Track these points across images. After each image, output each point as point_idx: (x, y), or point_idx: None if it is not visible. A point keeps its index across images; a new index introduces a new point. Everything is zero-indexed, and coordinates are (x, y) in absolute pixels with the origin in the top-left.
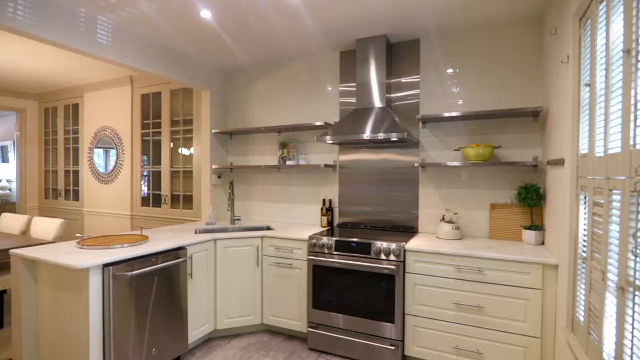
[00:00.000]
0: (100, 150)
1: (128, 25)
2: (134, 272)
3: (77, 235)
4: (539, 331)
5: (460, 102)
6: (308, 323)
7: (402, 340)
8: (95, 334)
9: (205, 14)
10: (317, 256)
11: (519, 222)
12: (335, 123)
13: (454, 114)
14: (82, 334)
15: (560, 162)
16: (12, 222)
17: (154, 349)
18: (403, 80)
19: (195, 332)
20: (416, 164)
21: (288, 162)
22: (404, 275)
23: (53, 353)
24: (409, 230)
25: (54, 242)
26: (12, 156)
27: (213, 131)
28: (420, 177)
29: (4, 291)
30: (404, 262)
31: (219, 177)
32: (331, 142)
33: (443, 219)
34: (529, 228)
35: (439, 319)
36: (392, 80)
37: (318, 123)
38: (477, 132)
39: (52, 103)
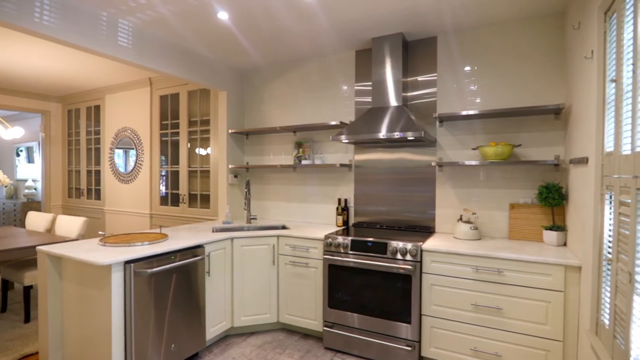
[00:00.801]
0: (120, 151)
1: (147, 28)
2: (153, 270)
3: (100, 233)
4: (561, 334)
5: (478, 100)
6: (324, 322)
7: (419, 341)
8: (117, 329)
9: (222, 15)
10: (332, 255)
11: (540, 223)
12: (351, 122)
13: (471, 112)
14: (104, 328)
15: (584, 161)
16: (37, 220)
17: (173, 345)
18: (419, 78)
19: (213, 329)
20: (433, 163)
21: (303, 162)
22: (420, 275)
23: (77, 347)
24: (426, 230)
25: (77, 239)
26: (37, 157)
27: (230, 131)
28: (437, 176)
29: (30, 286)
30: (420, 262)
31: (236, 176)
32: (347, 141)
33: (461, 219)
34: (550, 228)
35: (457, 320)
36: (409, 79)
37: (333, 122)
38: (496, 130)
39: (75, 105)
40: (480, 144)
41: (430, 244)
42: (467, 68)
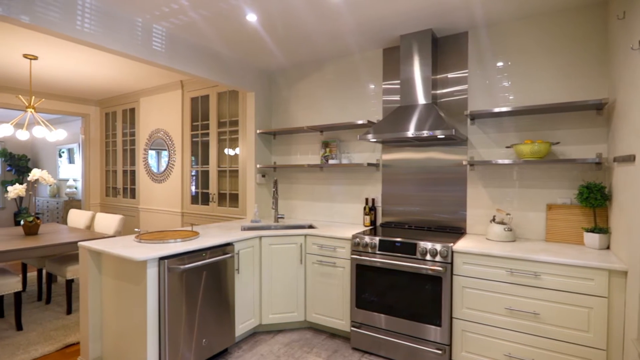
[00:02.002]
0: (153, 152)
1: (179, 33)
2: (186, 266)
3: (136, 230)
4: (604, 343)
5: (512, 96)
6: (351, 322)
7: (450, 345)
8: (152, 322)
9: (251, 17)
10: (360, 255)
11: (580, 224)
12: (378, 121)
13: (504, 109)
14: (140, 321)
15: (630, 159)
16: (78, 218)
17: (204, 340)
18: (450, 75)
19: (242, 325)
20: (464, 162)
21: (330, 161)
22: (451, 277)
23: (115, 338)
24: (457, 231)
25: (114, 236)
26: (77, 157)
27: (258, 131)
28: (468, 175)
29: (72, 280)
30: (451, 263)
31: (263, 176)
32: (374, 140)
33: (494, 219)
34: (592, 231)
35: (490, 324)
36: (438, 76)
37: (360, 122)
38: (530, 127)
39: (112, 108)
40: (515, 141)
41: (461, 245)
42: (500, 63)
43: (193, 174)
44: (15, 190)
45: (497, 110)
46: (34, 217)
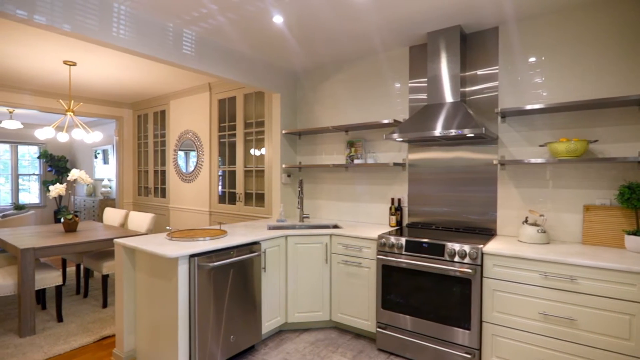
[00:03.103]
0: (182, 152)
1: (208, 36)
2: (214, 264)
3: (167, 228)
4: None
5: (545, 93)
6: (377, 323)
7: (479, 349)
8: (183, 317)
9: (277, 19)
10: (386, 256)
11: (620, 227)
12: (405, 120)
13: (537, 106)
14: (172, 316)
15: None
16: (113, 216)
17: (232, 336)
18: (479, 72)
19: (268, 323)
20: (495, 162)
21: (356, 161)
22: (481, 279)
23: (148, 332)
24: (486, 232)
25: (146, 234)
26: (111, 158)
27: (283, 132)
28: (498, 175)
29: (107, 275)
30: (481, 265)
31: (289, 176)
32: (400, 139)
33: (526, 221)
34: (634, 233)
35: (523, 329)
36: (467, 74)
37: (386, 121)
38: (566, 125)
39: (144, 110)
40: (549, 140)
41: (492, 247)
42: (532, 59)
43: (220, 174)
44: (57, 189)
45: (529, 107)
46: (73, 215)
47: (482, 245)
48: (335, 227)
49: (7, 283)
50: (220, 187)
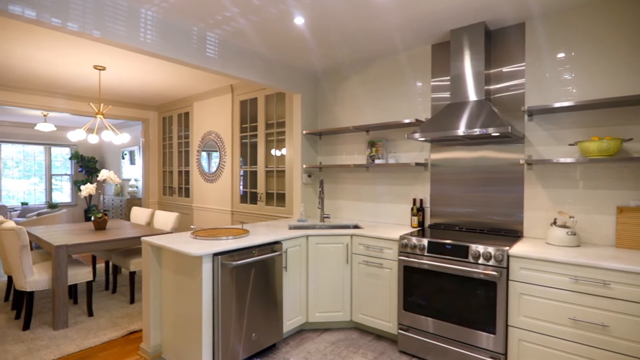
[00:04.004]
0: (204, 153)
1: (230, 39)
2: (237, 262)
3: (192, 227)
4: None
5: (575, 90)
6: (398, 325)
7: (505, 354)
8: (207, 314)
9: (299, 20)
10: (408, 257)
11: None
12: (427, 120)
13: (567, 103)
14: (196, 313)
15: None
16: (140, 215)
17: (253, 334)
18: (504, 69)
19: (289, 322)
20: (521, 161)
21: (377, 161)
22: (507, 282)
23: (173, 327)
24: (512, 234)
25: (171, 232)
26: (138, 159)
27: (304, 132)
28: (525, 175)
29: (134, 272)
30: (507, 268)
31: (309, 176)
32: (422, 139)
33: (554, 222)
34: None
35: (551, 334)
36: (492, 71)
37: (407, 120)
38: (597, 123)
39: (168, 113)
40: (579, 138)
41: (518, 249)
42: (561, 55)
43: (242, 174)
44: (87, 189)
45: (558, 105)
46: (102, 213)
47: (508, 248)
48: (356, 227)
49: (43, 278)
50: (241, 187)
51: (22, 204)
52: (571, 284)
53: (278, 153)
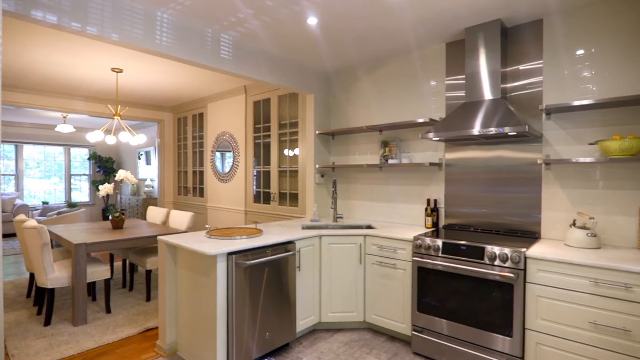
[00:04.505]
0: (218, 153)
1: (244, 40)
2: (251, 262)
3: (206, 226)
4: None
5: (594, 87)
6: (412, 326)
7: (522, 358)
8: (221, 312)
9: (312, 20)
10: (422, 258)
11: None
12: (441, 119)
13: (587, 101)
14: (210, 311)
15: None
16: (155, 214)
17: (267, 333)
18: (521, 67)
19: (302, 322)
20: (539, 161)
21: (390, 161)
22: (524, 285)
23: (188, 325)
24: (529, 235)
25: (186, 231)
26: (153, 159)
27: (317, 132)
28: (543, 175)
29: (150, 270)
30: (524, 270)
31: (322, 176)
32: (437, 139)
33: (574, 224)
34: None
35: (570, 338)
36: (508, 69)
37: (421, 120)
38: (619, 122)
39: (183, 114)
40: (599, 137)
41: (536, 250)
42: (581, 51)
43: (255, 174)
44: (105, 188)
45: (578, 103)
46: (120, 212)
47: (525, 249)
48: (369, 227)
49: (63, 275)
50: (254, 187)
51: (43, 203)
52: (591, 287)
53: (291, 153)
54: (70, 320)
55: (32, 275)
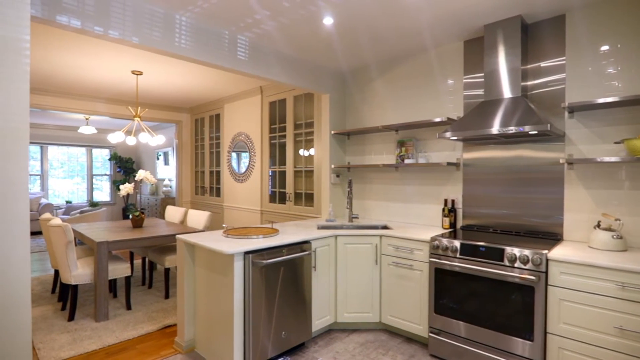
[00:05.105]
0: (235, 154)
1: (260, 41)
2: (267, 261)
3: (223, 225)
4: None
5: (620, 84)
6: (429, 328)
7: None
8: (238, 311)
9: (328, 20)
10: (439, 259)
11: None
12: (459, 118)
13: (611, 99)
14: (228, 309)
15: None
16: (174, 213)
17: (283, 332)
18: (542, 64)
19: (318, 321)
20: (561, 161)
21: (407, 161)
22: (545, 287)
23: (205, 323)
24: (551, 237)
25: (203, 231)
26: (171, 160)
27: (332, 132)
28: (565, 175)
29: (169, 268)
30: (546, 272)
31: (338, 176)
32: (454, 138)
33: (598, 225)
34: None
35: (594, 344)
36: (529, 66)
37: (438, 119)
38: None
39: (200, 115)
40: (625, 136)
41: (558, 253)
42: (605, 47)
43: (270, 174)
44: (126, 188)
45: (602, 100)
46: (140, 212)
47: (546, 251)
48: (385, 227)
49: (86, 272)
50: (270, 187)
51: (67, 202)
52: (617, 291)
53: (306, 153)
54: (93, 316)
55: (56, 272)
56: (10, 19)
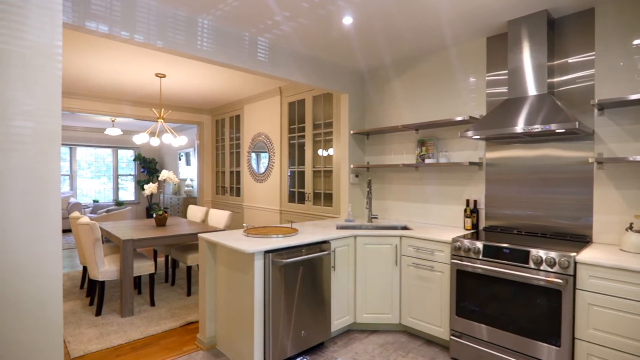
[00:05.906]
0: (254, 154)
1: (280, 42)
2: (286, 260)
3: (244, 225)
4: None
5: None
6: (451, 331)
7: None
8: (259, 309)
9: (347, 20)
10: (461, 260)
11: None
12: (482, 117)
13: None
14: (248, 307)
15: None
16: (195, 213)
17: (302, 331)
18: (570, 60)
19: (337, 322)
20: (591, 160)
21: (427, 161)
22: (574, 291)
23: (226, 320)
24: (579, 239)
25: (224, 230)
26: (193, 160)
27: (351, 132)
28: (595, 175)
29: (190, 267)
30: (574, 276)
31: (357, 176)
32: (477, 137)
33: (630, 227)
34: None
35: (627, 351)
36: (555, 62)
37: (459, 118)
38: None
39: (221, 116)
40: None
41: (587, 255)
42: (637, 41)
43: (289, 174)
44: (150, 188)
45: (635, 97)
46: (163, 211)
47: (574, 254)
48: (405, 228)
49: (112, 269)
50: (289, 187)
51: (94, 201)
52: None
53: (325, 153)
54: (119, 312)
55: (85, 268)
56: (44, 25)
